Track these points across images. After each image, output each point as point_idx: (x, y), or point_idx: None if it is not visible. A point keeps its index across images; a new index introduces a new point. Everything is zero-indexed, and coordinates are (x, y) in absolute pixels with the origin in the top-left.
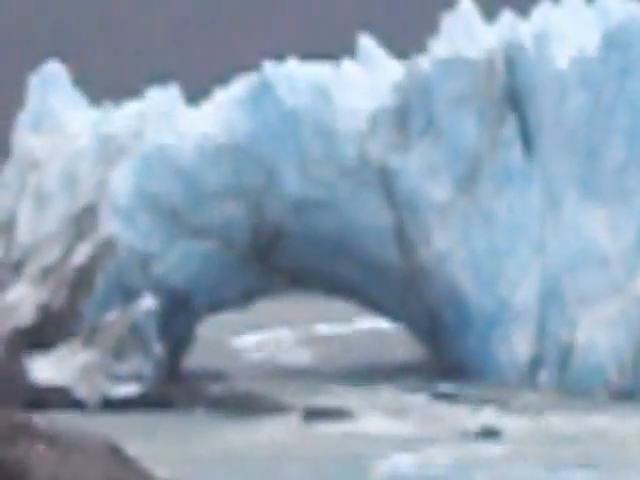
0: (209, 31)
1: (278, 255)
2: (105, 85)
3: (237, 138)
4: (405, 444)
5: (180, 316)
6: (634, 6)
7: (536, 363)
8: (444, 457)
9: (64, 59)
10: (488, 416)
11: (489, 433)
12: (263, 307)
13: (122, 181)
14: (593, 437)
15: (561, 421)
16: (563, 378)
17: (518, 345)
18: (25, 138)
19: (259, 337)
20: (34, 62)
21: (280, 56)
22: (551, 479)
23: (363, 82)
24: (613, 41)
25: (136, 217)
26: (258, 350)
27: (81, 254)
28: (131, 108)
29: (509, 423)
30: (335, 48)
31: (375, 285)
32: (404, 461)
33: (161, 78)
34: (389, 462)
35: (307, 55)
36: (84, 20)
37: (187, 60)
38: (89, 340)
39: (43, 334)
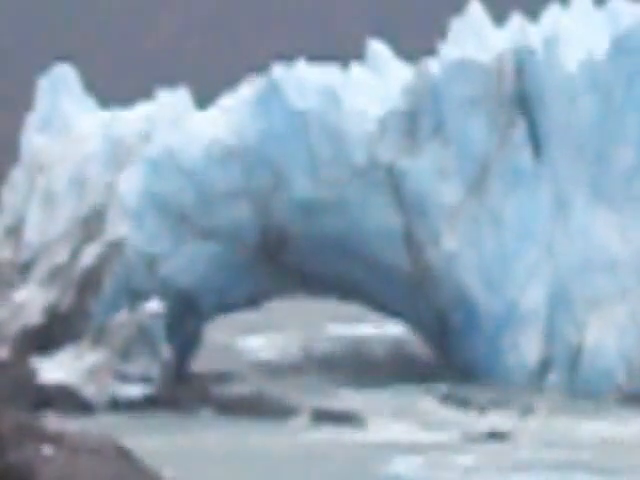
0: (218, 34)
1: (286, 257)
2: (114, 88)
3: (246, 140)
4: (413, 447)
5: (188, 317)
6: None
7: (545, 366)
8: (452, 460)
9: (73, 62)
10: (496, 419)
11: (497, 436)
12: (271, 308)
13: (131, 183)
14: (601, 441)
15: (569, 424)
16: (572, 381)
17: (527, 348)
18: (34, 140)
19: (267, 338)
20: (43, 65)
21: (289, 59)
22: None
23: (372, 85)
24: (622, 45)
25: (144, 219)
26: (266, 351)
27: (89, 255)
28: (140, 111)
29: (517, 426)
30: (344, 51)
31: (383, 287)
32: (412, 464)
33: (170, 81)
34: (397, 465)
35: (316, 58)
36: (94, 23)
37: (196, 63)
38: (97, 341)
39: (51, 335)
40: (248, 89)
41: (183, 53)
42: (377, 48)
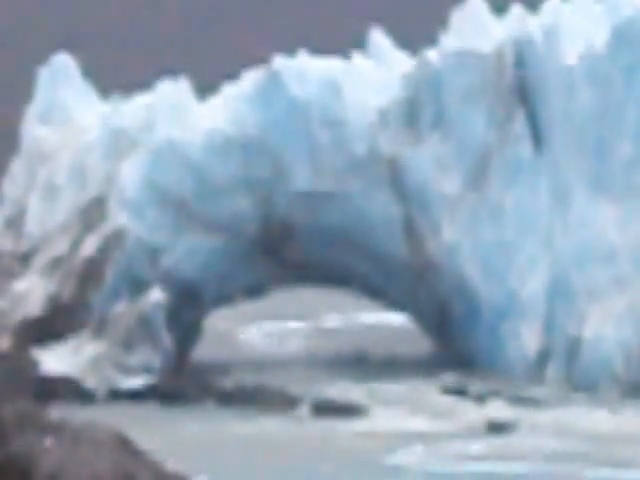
0: (219, 25)
1: (287, 248)
2: (115, 78)
3: (246, 131)
4: (415, 437)
5: (189, 308)
6: None
7: (544, 356)
8: (454, 450)
9: (74, 52)
10: (497, 409)
11: (499, 427)
12: (272, 299)
13: (131, 174)
14: (600, 431)
15: (568, 414)
16: (571, 371)
17: (526, 338)
18: (34, 130)
19: (268, 329)
20: (44, 54)
21: (290, 50)
22: (560, 473)
23: (373, 76)
24: (622, 37)
25: (145, 209)
26: (267, 342)
27: (90, 246)
28: (141, 101)
29: (518, 416)
30: (346, 42)
31: (384, 278)
32: (414, 455)
33: (171, 71)
34: (400, 455)
35: (317, 49)
36: (94, 13)
37: (197, 53)
38: (98, 331)
39: (52, 325)
40: (249, 80)
41: (184, 44)
42: (378, 38)
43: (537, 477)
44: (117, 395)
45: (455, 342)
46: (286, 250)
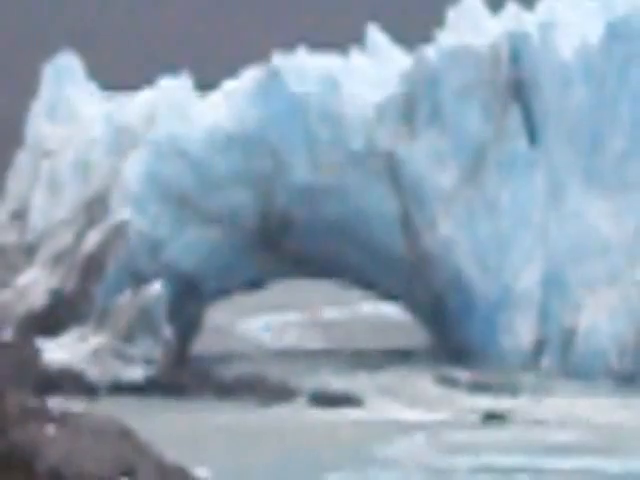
0: (220, 21)
1: (286, 241)
2: (118, 75)
3: (246, 127)
4: (411, 429)
5: (189, 300)
6: None
7: (539, 348)
8: (449, 441)
9: (78, 49)
10: (492, 401)
11: (494, 417)
12: (271, 292)
13: (134, 168)
14: (595, 421)
15: (563, 405)
16: (565, 363)
17: (521, 330)
18: (39, 127)
19: (267, 321)
20: (48, 52)
21: (289, 47)
22: (555, 463)
23: (371, 72)
24: (616, 32)
25: (147, 203)
26: (265, 334)
27: (93, 240)
28: (143, 97)
29: (513, 408)
30: (344, 39)
31: (381, 271)
32: (410, 446)
33: (173, 68)
34: (394, 447)
35: (316, 46)
36: (97, 10)
37: (198, 50)
38: (100, 324)
39: (55, 318)
40: (249, 76)
41: (185, 41)
42: (376, 36)
43: (533, 467)
44: (118, 387)
45: (451, 334)
46: (285, 243)
